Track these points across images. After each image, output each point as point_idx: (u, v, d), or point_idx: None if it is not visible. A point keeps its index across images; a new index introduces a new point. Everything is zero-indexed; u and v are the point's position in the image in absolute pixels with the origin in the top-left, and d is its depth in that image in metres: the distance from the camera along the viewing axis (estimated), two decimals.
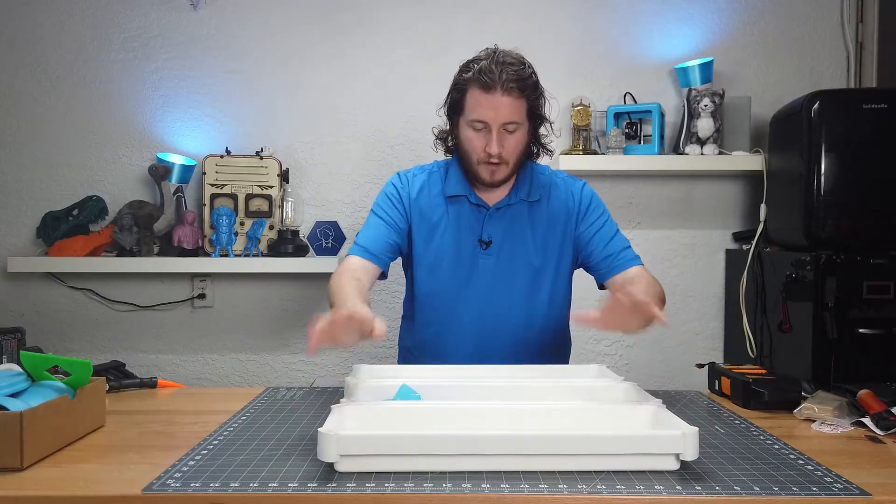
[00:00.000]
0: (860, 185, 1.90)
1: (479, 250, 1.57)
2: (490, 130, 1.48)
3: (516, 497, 0.91)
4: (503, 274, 1.57)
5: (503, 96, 1.45)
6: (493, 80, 1.44)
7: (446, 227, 1.58)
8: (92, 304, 2.42)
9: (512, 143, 1.50)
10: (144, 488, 0.94)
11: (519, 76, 1.46)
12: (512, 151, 1.51)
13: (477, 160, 1.51)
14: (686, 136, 2.26)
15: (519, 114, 1.48)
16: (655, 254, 2.44)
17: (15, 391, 1.11)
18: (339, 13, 2.41)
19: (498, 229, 1.57)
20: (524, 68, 1.49)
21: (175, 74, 2.41)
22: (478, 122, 1.49)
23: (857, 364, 1.81)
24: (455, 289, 1.58)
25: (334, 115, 2.42)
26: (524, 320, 1.59)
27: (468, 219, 1.58)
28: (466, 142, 1.52)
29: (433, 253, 1.59)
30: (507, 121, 1.47)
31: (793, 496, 0.92)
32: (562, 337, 1.68)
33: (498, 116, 1.46)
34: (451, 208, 1.59)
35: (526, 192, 1.58)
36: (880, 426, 1.22)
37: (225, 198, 2.30)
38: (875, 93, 2.10)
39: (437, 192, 1.61)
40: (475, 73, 1.47)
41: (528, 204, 1.59)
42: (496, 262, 1.57)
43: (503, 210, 1.58)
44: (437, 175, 1.63)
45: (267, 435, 1.18)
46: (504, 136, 1.48)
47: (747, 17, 2.41)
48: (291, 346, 2.45)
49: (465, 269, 1.58)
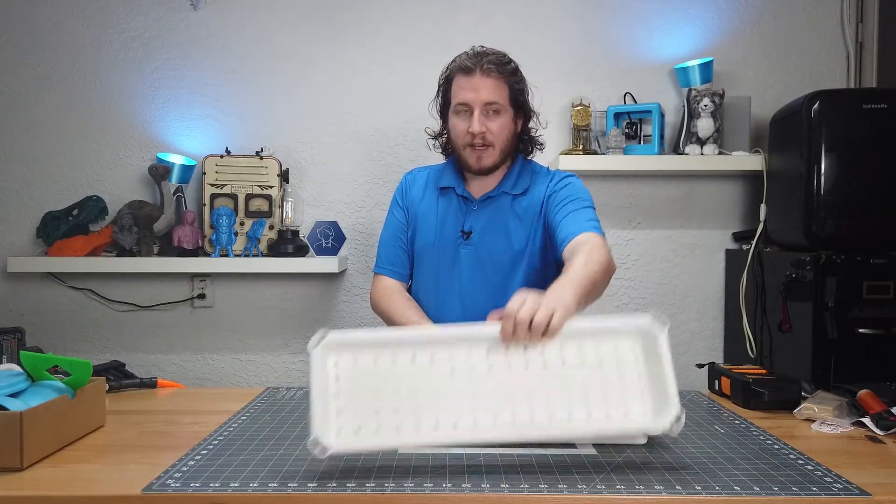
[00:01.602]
0: (860, 185, 1.90)
1: (460, 241, 1.62)
2: (472, 112, 1.54)
3: (516, 497, 0.92)
4: (482, 263, 1.61)
5: (483, 78, 1.52)
6: (473, 64, 1.53)
7: (435, 218, 1.65)
8: (92, 304, 2.42)
9: (495, 126, 1.55)
10: (144, 488, 0.94)
11: (499, 61, 1.55)
12: (497, 135, 1.55)
13: (463, 145, 1.57)
14: (686, 136, 2.26)
15: (500, 95, 1.54)
16: (655, 254, 2.44)
17: (15, 391, 1.11)
18: (339, 13, 2.41)
19: (479, 220, 1.62)
20: (504, 56, 1.58)
21: (175, 74, 2.41)
22: (461, 106, 1.55)
23: (857, 364, 1.81)
24: (439, 278, 1.64)
25: (334, 115, 2.42)
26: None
27: (454, 210, 1.64)
28: (453, 129, 1.60)
29: (421, 243, 1.65)
30: (487, 101, 1.52)
31: (793, 496, 0.92)
32: None
33: (478, 97, 1.52)
34: (441, 201, 1.66)
35: (511, 185, 1.62)
36: (880, 426, 1.22)
37: (225, 198, 2.30)
38: (875, 93, 2.10)
39: (433, 186, 1.68)
40: (457, 63, 1.57)
41: (511, 197, 1.62)
42: (475, 252, 1.61)
43: (486, 202, 1.63)
44: (438, 170, 1.71)
45: (267, 435, 1.18)
46: (487, 118, 1.54)
47: (747, 17, 2.41)
48: (291, 346, 2.45)
49: (448, 259, 1.63)
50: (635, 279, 2.44)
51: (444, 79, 1.62)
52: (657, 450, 1.08)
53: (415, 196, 1.69)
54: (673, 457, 1.06)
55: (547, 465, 1.02)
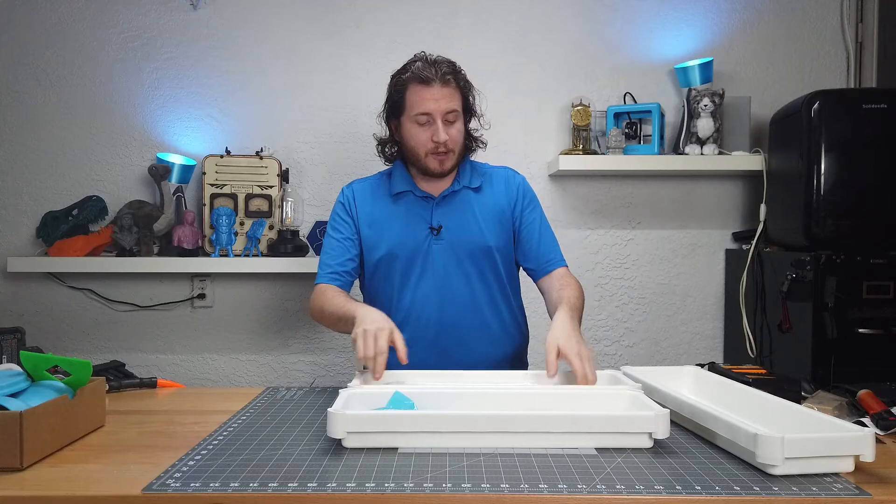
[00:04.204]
0: (860, 185, 1.90)
1: (430, 237, 1.64)
2: (434, 121, 1.59)
3: (516, 497, 0.91)
4: (457, 255, 1.65)
5: (442, 87, 1.58)
6: (431, 74, 1.57)
7: (395, 222, 1.66)
8: (92, 304, 2.42)
9: (455, 132, 1.61)
10: (144, 488, 0.94)
11: (453, 70, 1.61)
12: (456, 140, 1.62)
13: (425, 153, 1.61)
14: (686, 136, 2.26)
15: (457, 103, 1.61)
16: (655, 254, 2.44)
17: (15, 391, 1.11)
18: (339, 13, 2.41)
19: (447, 215, 1.66)
20: (455, 65, 1.63)
21: (175, 74, 2.41)
22: (422, 115, 1.59)
23: (857, 364, 1.81)
24: (412, 276, 1.65)
25: (334, 115, 2.42)
26: (484, 297, 1.66)
27: (416, 210, 1.67)
28: (412, 138, 1.62)
29: (386, 247, 1.65)
30: (447, 109, 1.59)
31: (793, 496, 0.92)
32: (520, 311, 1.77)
33: (440, 106, 1.58)
34: (398, 205, 1.68)
35: (468, 180, 1.69)
36: (880, 426, 1.22)
37: (225, 198, 2.30)
38: (875, 93, 2.10)
39: (382, 194, 1.70)
40: (412, 72, 1.59)
41: (471, 191, 1.68)
42: (449, 246, 1.64)
43: (449, 198, 1.67)
44: (380, 179, 1.74)
45: (267, 435, 1.18)
46: (447, 125, 1.59)
47: (747, 17, 2.41)
48: (291, 346, 2.45)
49: (420, 257, 1.64)
50: (635, 279, 2.44)
51: (395, 86, 1.63)
52: (657, 450, 1.09)
53: (363, 207, 1.68)
54: (673, 457, 1.06)
55: (547, 465, 1.02)
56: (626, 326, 2.45)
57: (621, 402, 1.22)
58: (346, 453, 1.07)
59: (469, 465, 1.02)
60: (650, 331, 2.45)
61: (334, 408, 1.10)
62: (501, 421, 1.09)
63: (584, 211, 2.43)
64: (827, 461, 0.99)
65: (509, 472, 0.99)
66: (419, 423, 1.10)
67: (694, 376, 1.44)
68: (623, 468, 1.01)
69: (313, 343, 2.45)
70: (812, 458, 0.98)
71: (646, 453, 1.07)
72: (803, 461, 0.98)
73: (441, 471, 0.99)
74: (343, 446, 1.09)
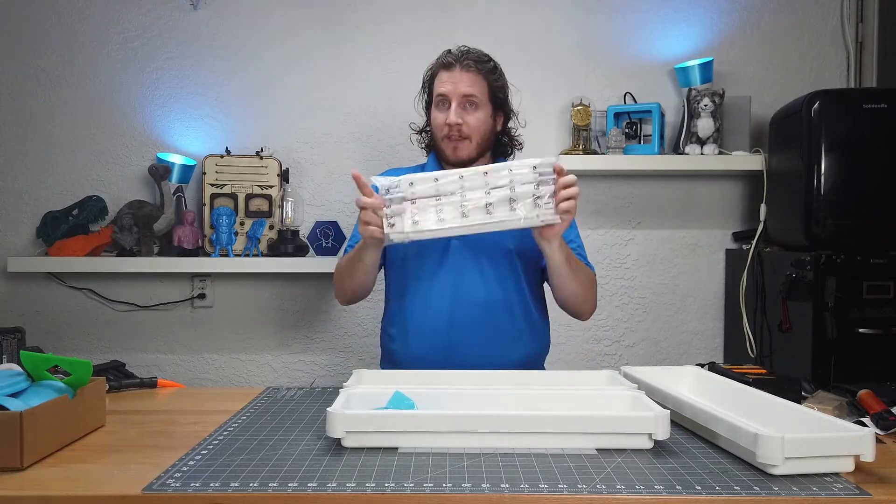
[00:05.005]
0: (860, 185, 1.90)
1: None
2: (450, 103, 1.60)
3: (516, 497, 0.91)
4: (475, 254, 1.63)
5: (461, 72, 1.59)
6: (453, 59, 1.61)
7: None
8: (92, 304, 2.42)
9: (472, 119, 1.60)
10: (144, 488, 0.94)
11: (478, 58, 1.62)
12: (474, 128, 1.60)
13: (441, 137, 1.62)
14: (686, 136, 2.26)
15: (478, 89, 1.60)
16: (655, 254, 2.44)
17: (15, 391, 1.11)
18: (339, 13, 2.41)
19: None
20: (485, 55, 1.64)
21: (175, 74, 2.41)
22: (440, 97, 1.61)
23: (857, 364, 1.81)
24: (427, 269, 1.64)
25: (334, 115, 2.42)
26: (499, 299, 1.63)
27: None
28: (433, 121, 1.65)
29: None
30: (464, 93, 1.58)
31: (793, 496, 0.92)
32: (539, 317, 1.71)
33: (456, 89, 1.59)
34: None
35: None
36: (880, 426, 1.22)
37: (225, 198, 2.30)
38: (875, 93, 2.10)
39: None
40: (440, 59, 1.64)
41: None
42: (468, 244, 1.62)
43: None
44: (416, 169, 1.73)
45: (267, 435, 1.18)
46: (464, 111, 1.59)
47: (747, 17, 2.41)
48: (291, 346, 2.45)
49: (437, 252, 1.63)
50: (635, 279, 2.44)
51: (428, 75, 1.68)
52: (658, 450, 1.09)
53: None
54: (673, 457, 1.06)
55: (547, 465, 1.02)
56: (626, 326, 2.45)
57: (622, 402, 1.22)
58: (346, 453, 1.07)
59: (469, 465, 1.02)
60: (650, 331, 2.45)
61: (334, 407, 1.10)
62: (502, 421, 1.10)
63: (584, 211, 2.43)
64: (827, 461, 0.99)
65: (509, 472, 0.99)
66: (419, 422, 1.10)
67: (694, 376, 1.44)
68: (623, 468, 1.01)
69: (313, 343, 2.45)
70: (812, 457, 0.98)
71: (646, 453, 1.07)
72: (803, 461, 0.98)
73: (441, 471, 0.99)
74: (343, 446, 1.09)
